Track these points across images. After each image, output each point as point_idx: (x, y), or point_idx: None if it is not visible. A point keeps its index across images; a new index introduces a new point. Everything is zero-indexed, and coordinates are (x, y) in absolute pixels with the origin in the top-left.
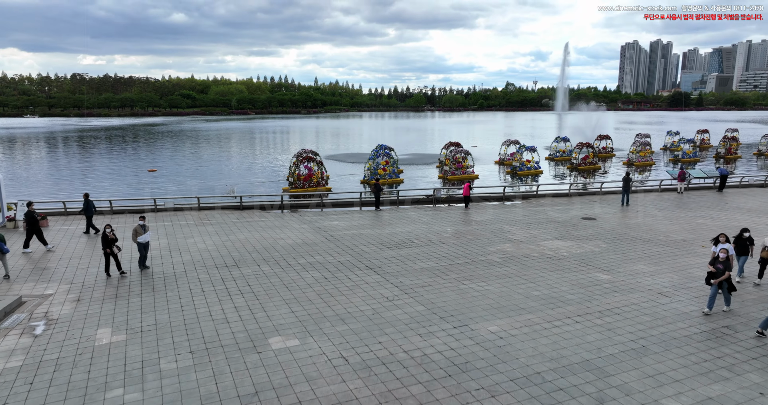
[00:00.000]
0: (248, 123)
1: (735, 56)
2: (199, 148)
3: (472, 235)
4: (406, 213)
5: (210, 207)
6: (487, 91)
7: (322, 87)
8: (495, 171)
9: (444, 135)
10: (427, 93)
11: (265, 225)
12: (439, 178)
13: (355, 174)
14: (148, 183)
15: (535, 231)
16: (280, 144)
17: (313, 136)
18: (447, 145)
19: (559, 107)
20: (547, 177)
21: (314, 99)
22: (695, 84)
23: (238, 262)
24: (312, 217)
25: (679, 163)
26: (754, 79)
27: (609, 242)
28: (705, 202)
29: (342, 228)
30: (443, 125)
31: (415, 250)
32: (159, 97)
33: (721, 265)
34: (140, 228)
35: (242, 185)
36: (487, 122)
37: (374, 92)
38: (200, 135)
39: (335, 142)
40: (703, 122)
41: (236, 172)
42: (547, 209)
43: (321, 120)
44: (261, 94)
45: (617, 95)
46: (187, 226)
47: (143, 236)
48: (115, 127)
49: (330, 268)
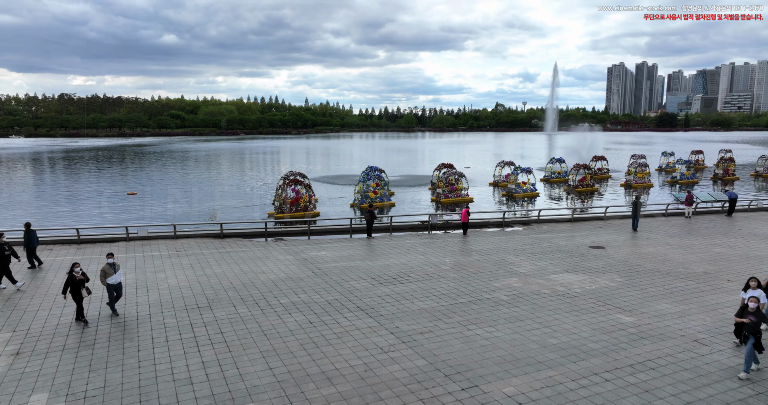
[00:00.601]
0: (237, 143)
1: (719, 78)
2: (185, 170)
3: (473, 267)
4: (401, 241)
5: (187, 235)
6: (477, 111)
7: (312, 107)
8: (489, 193)
9: (435, 156)
10: (418, 114)
11: (246, 256)
12: (432, 201)
13: (345, 197)
14: (125, 207)
15: (542, 262)
16: (269, 165)
17: (303, 156)
18: (439, 166)
19: (549, 128)
20: (544, 199)
21: (305, 119)
22: (681, 105)
23: (212, 303)
24: (298, 247)
25: (678, 185)
26: (738, 101)
27: (624, 276)
28: (716, 227)
29: (330, 259)
30: (434, 146)
31: (411, 286)
32: (148, 117)
33: (753, 317)
34: (109, 268)
35: (225, 209)
36: (478, 143)
37: (365, 113)
38: (187, 156)
39: (325, 163)
40: (692, 142)
41: (221, 194)
42: (551, 236)
43: (311, 140)
44: (251, 114)
45: (605, 116)
46: (160, 258)
47: (113, 277)
48: (102, 147)
49: (316, 309)
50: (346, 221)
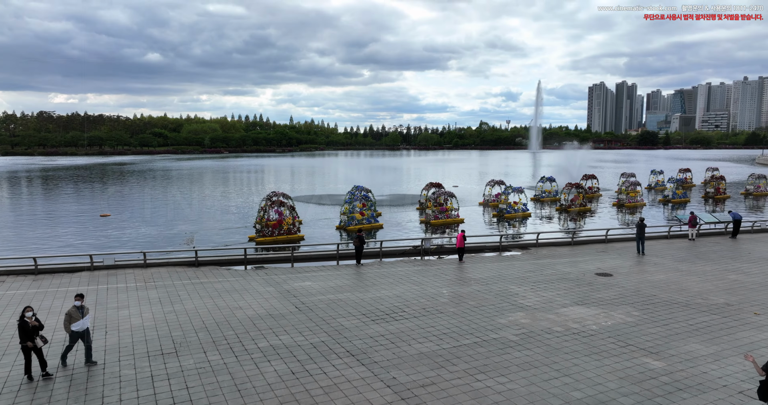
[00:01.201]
0: (221, 162)
1: (696, 97)
2: (164, 189)
3: (474, 299)
4: (392, 269)
5: (159, 263)
6: (461, 129)
7: (297, 126)
8: (480, 213)
9: (421, 174)
10: (403, 132)
11: (222, 288)
12: (422, 223)
13: (331, 218)
14: (95, 231)
15: (548, 293)
16: (252, 184)
17: (287, 175)
18: (427, 185)
19: (533, 146)
20: (536, 219)
21: (289, 138)
22: (660, 123)
23: (180, 347)
24: (280, 277)
25: (670, 204)
26: (715, 119)
27: (641, 309)
28: (724, 251)
29: (316, 291)
30: (419, 164)
31: (407, 323)
32: (129, 135)
33: None
34: (76, 311)
35: (203, 233)
36: (463, 161)
37: (350, 131)
38: (168, 175)
39: (309, 182)
40: (674, 160)
41: (200, 216)
42: (553, 262)
43: (296, 159)
44: (235, 132)
45: (588, 134)
46: (126, 291)
47: (79, 323)
48: (80, 166)
49: (300, 354)
50: (333, 246)
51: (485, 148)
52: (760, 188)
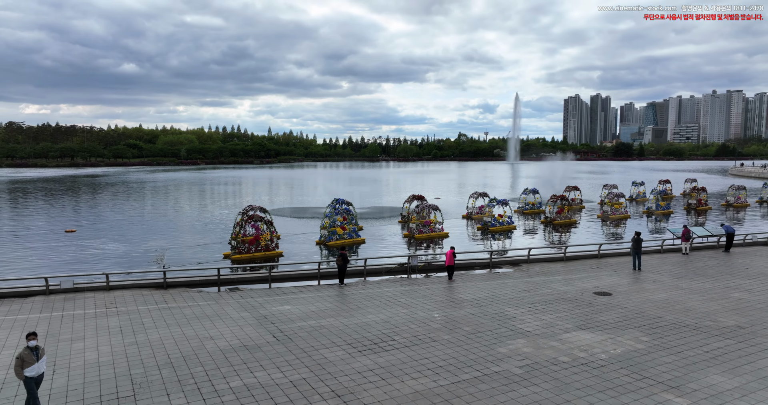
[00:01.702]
0: (197, 173)
1: (668, 110)
2: (136, 202)
3: (469, 324)
4: (378, 289)
5: (123, 286)
6: (440, 141)
7: (275, 137)
8: (463, 226)
9: (401, 185)
10: (382, 143)
11: (192, 314)
12: (405, 237)
13: (311, 233)
14: (56, 249)
15: (548, 316)
16: (229, 197)
17: (265, 187)
18: (410, 198)
19: (512, 157)
20: (521, 232)
21: (268, 149)
22: (633, 135)
23: (139, 389)
24: (257, 299)
25: (653, 216)
26: (686, 132)
27: (649, 333)
28: (720, 266)
29: (296, 317)
30: (399, 175)
31: (398, 354)
32: (103, 146)
33: None
34: (29, 354)
35: (175, 250)
36: (443, 172)
37: (329, 142)
38: (142, 187)
39: (288, 194)
40: (649, 171)
41: (172, 231)
42: (547, 280)
43: (274, 170)
44: (212, 143)
45: (565, 146)
46: (83, 319)
47: (35, 366)
48: (49, 178)
49: (278, 396)
50: (314, 265)
51: (464, 160)
52: (740, 199)
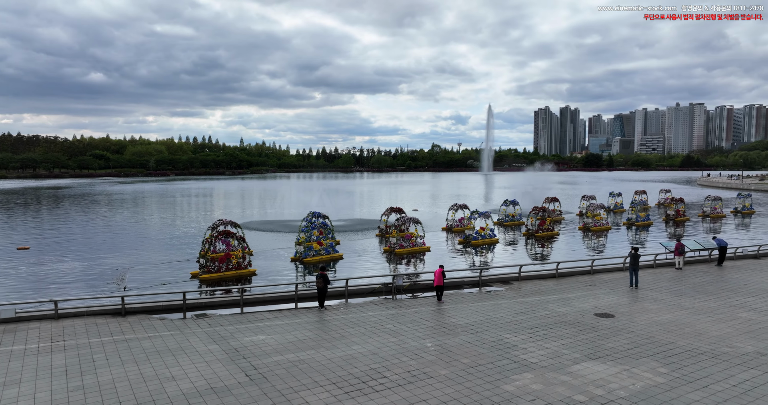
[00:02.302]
0: (166, 185)
1: (634, 122)
2: (100, 215)
3: (466, 355)
4: (362, 313)
5: (75, 313)
6: (414, 152)
7: (248, 148)
8: (443, 239)
9: (376, 196)
10: (356, 154)
11: (152, 348)
12: (385, 252)
13: (285, 248)
14: (4, 270)
15: (551, 343)
16: (201, 209)
17: (237, 199)
18: (388, 210)
19: (486, 168)
20: (503, 245)
21: (240, 160)
22: (602, 146)
23: None
24: (227, 328)
25: (634, 227)
26: (652, 143)
27: (665, 363)
28: (718, 282)
29: (272, 349)
30: (374, 186)
31: (392, 396)
32: (68, 157)
33: None
34: None
35: (138, 269)
36: (418, 183)
37: (302, 153)
38: (108, 199)
39: (261, 207)
40: (618, 182)
41: (136, 247)
42: (542, 300)
43: (246, 181)
44: (182, 154)
45: (536, 156)
46: (22, 356)
47: None
48: (8, 190)
49: None
50: (291, 286)
51: (438, 170)
52: (716, 210)
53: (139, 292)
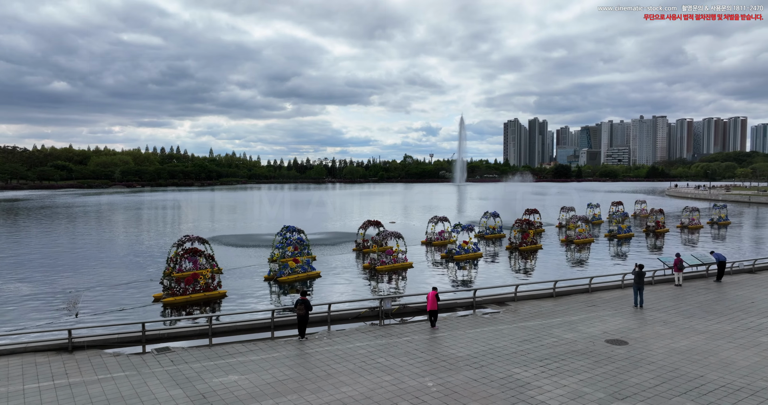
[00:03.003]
0: (132, 196)
1: (600, 134)
2: (58, 229)
3: (475, 397)
4: (348, 344)
5: (12, 350)
6: (386, 163)
7: (217, 158)
8: (423, 253)
9: (349, 208)
10: (328, 165)
11: (100, 395)
12: (365, 269)
13: (257, 265)
14: None
15: (568, 379)
16: (169, 222)
17: (206, 211)
18: (365, 224)
19: (458, 179)
20: (487, 259)
21: (209, 170)
22: (569, 158)
23: None
24: (193, 366)
25: (616, 239)
26: (618, 154)
27: (701, 402)
28: (723, 300)
29: (246, 394)
30: (347, 197)
31: None
32: (27, 168)
33: None
34: None
35: (94, 291)
36: (392, 194)
37: (273, 164)
38: (68, 212)
39: (231, 219)
40: (588, 192)
41: (94, 265)
42: (544, 324)
43: (216, 192)
44: (149, 165)
45: (507, 167)
46: None
47: None
48: None
49: None
50: (266, 313)
51: (410, 181)
52: (694, 221)
53: (92, 323)
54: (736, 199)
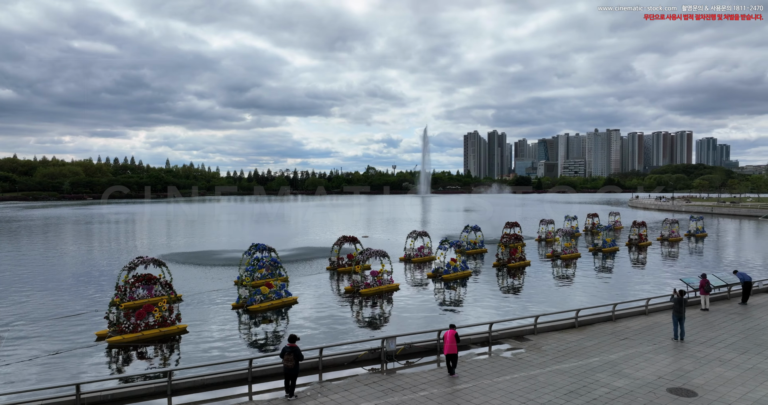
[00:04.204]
0: (81, 209)
1: (557, 146)
2: None
3: None
4: (347, 401)
5: None
6: (349, 174)
7: (174, 169)
8: (403, 272)
9: (314, 220)
10: (289, 176)
11: None
12: (348, 292)
13: (223, 290)
14: None
15: None
16: (122, 238)
17: (162, 225)
18: (340, 240)
19: (423, 190)
20: (476, 279)
21: (165, 182)
22: (528, 169)
23: None
24: None
25: (601, 253)
26: (574, 166)
27: None
28: (763, 326)
29: None
30: (311, 210)
31: None
32: None
33: None
34: None
35: (22, 330)
36: (357, 205)
37: (233, 175)
38: (8, 227)
39: (189, 234)
40: (551, 204)
41: (27, 293)
42: (583, 367)
43: (173, 205)
44: (102, 176)
45: (469, 179)
46: None
47: None
48: None
49: None
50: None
51: (373, 193)
52: (674, 233)
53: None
54: (698, 211)
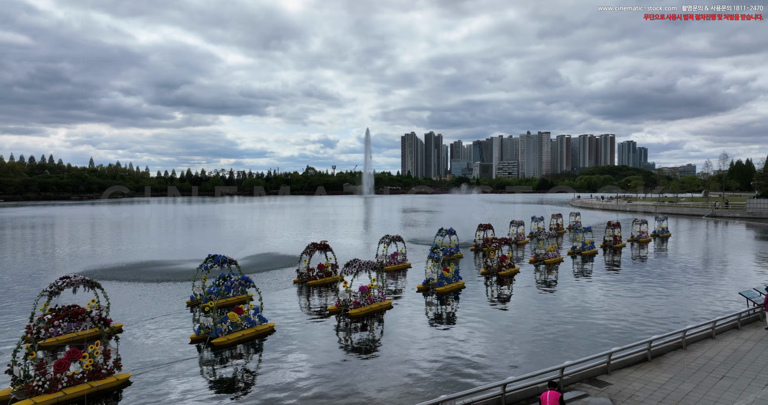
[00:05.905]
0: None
1: (491, 148)
2: None
3: None
4: None
5: None
6: (288, 174)
7: (99, 169)
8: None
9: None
10: (225, 176)
11: None
12: (332, 312)
13: (175, 314)
14: None
15: None
16: (39, 251)
17: (86, 230)
18: (309, 247)
19: (366, 191)
20: (468, 291)
21: (89, 182)
22: (464, 170)
23: None
24: None
25: (580, 256)
26: (508, 167)
27: None
28: None
29: None
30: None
31: None
32: None
33: None
34: None
35: None
36: (302, 207)
37: (164, 175)
38: None
39: (116, 239)
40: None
41: None
42: None
43: (97, 207)
44: (15, 176)
45: (410, 179)
46: None
47: None
48: None
49: None
50: None
51: (314, 194)
52: (644, 234)
53: None
54: (643, 210)
